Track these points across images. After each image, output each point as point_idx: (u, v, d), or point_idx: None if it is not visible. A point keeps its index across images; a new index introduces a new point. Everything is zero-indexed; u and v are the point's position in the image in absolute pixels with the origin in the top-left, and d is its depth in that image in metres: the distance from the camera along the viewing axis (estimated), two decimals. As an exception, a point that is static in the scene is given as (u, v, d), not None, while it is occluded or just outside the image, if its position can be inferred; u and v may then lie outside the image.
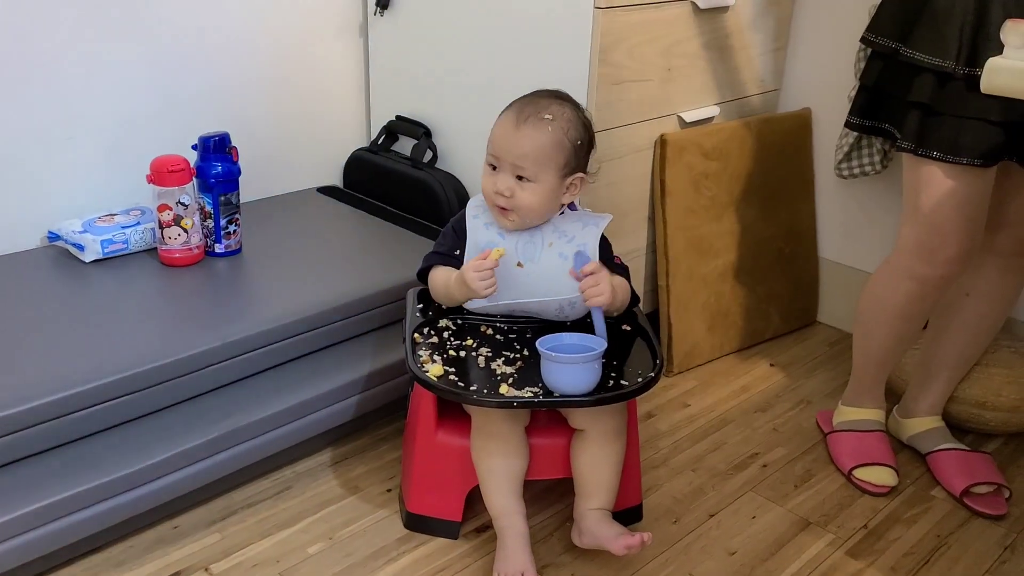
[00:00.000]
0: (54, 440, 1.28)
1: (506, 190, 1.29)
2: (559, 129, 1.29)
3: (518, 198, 1.30)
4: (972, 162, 1.31)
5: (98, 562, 1.32)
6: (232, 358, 1.43)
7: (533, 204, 1.30)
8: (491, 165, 1.32)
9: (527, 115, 1.29)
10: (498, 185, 1.30)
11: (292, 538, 1.39)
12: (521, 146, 1.28)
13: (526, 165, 1.28)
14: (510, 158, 1.29)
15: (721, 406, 1.78)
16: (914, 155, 1.36)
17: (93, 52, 1.67)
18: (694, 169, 1.82)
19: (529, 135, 1.28)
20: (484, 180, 1.33)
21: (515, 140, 1.28)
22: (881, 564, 1.39)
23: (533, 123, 1.28)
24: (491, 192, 1.32)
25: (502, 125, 1.31)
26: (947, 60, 1.29)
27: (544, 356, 1.22)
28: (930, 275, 1.41)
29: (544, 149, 1.28)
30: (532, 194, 1.30)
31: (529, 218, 1.32)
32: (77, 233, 1.62)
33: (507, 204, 1.30)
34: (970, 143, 1.31)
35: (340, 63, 2.03)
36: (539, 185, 1.29)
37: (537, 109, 1.30)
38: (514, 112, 1.31)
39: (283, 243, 1.74)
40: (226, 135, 1.65)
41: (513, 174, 1.29)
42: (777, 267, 2.01)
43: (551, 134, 1.29)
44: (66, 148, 1.69)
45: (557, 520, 1.44)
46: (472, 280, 1.28)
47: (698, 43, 1.78)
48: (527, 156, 1.28)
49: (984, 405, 1.65)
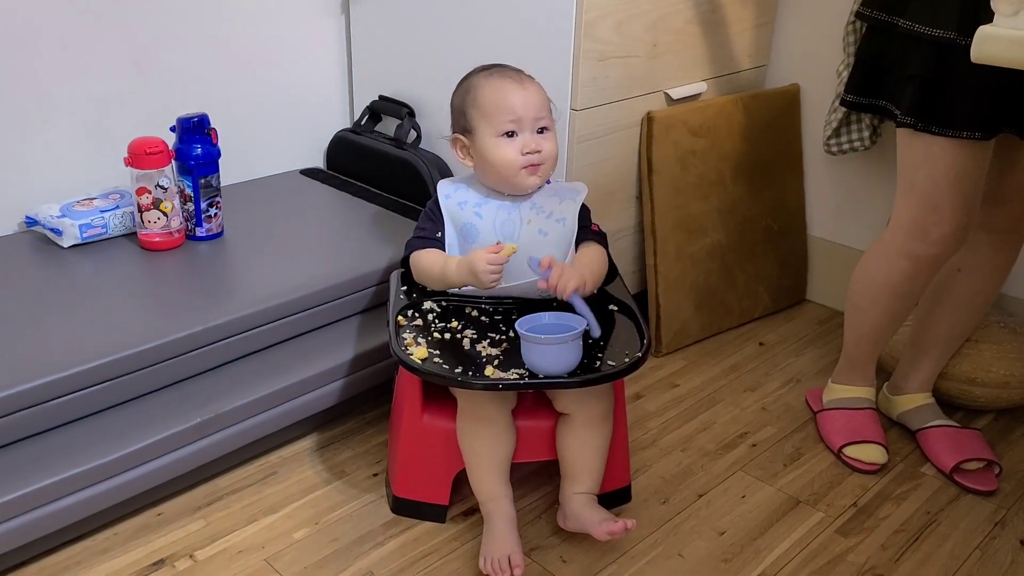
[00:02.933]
0: (34, 427, 1.26)
1: (538, 146, 1.33)
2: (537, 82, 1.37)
3: (546, 150, 1.34)
4: (972, 135, 1.29)
5: (81, 550, 1.31)
6: (215, 343, 1.41)
7: (555, 152, 1.36)
8: (507, 133, 1.33)
9: (517, 76, 1.35)
10: (531, 144, 1.33)
11: (277, 524, 1.37)
12: (536, 99, 1.33)
13: (546, 114, 1.34)
14: (532, 113, 1.33)
15: (710, 386, 1.78)
16: (913, 130, 1.33)
17: (68, 32, 1.64)
18: (681, 147, 1.80)
19: (535, 89, 1.35)
20: (502, 151, 1.33)
21: (529, 97, 1.33)
22: (871, 541, 1.38)
23: (528, 81, 1.35)
24: (519, 157, 1.33)
25: (504, 90, 1.33)
26: (949, 30, 1.27)
27: (523, 337, 1.21)
28: (925, 254, 1.39)
29: (545, 100, 1.36)
30: (553, 143, 1.36)
31: (551, 169, 1.38)
32: (55, 218, 1.60)
33: (539, 159, 1.34)
34: (970, 115, 1.29)
35: (321, 42, 2.00)
36: (553, 132, 1.36)
37: (515, 71, 1.36)
38: (503, 79, 1.34)
39: (266, 226, 1.72)
40: (205, 116, 1.62)
41: (535, 129, 1.33)
42: (766, 245, 1.99)
43: (540, 87, 1.36)
44: (42, 130, 1.66)
45: (545, 502, 1.43)
46: (484, 271, 1.27)
47: (684, 18, 1.76)
48: (544, 105, 1.35)
49: (974, 381, 1.65)
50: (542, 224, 1.34)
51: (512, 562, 1.23)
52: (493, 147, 1.33)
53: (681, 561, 1.33)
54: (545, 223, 1.35)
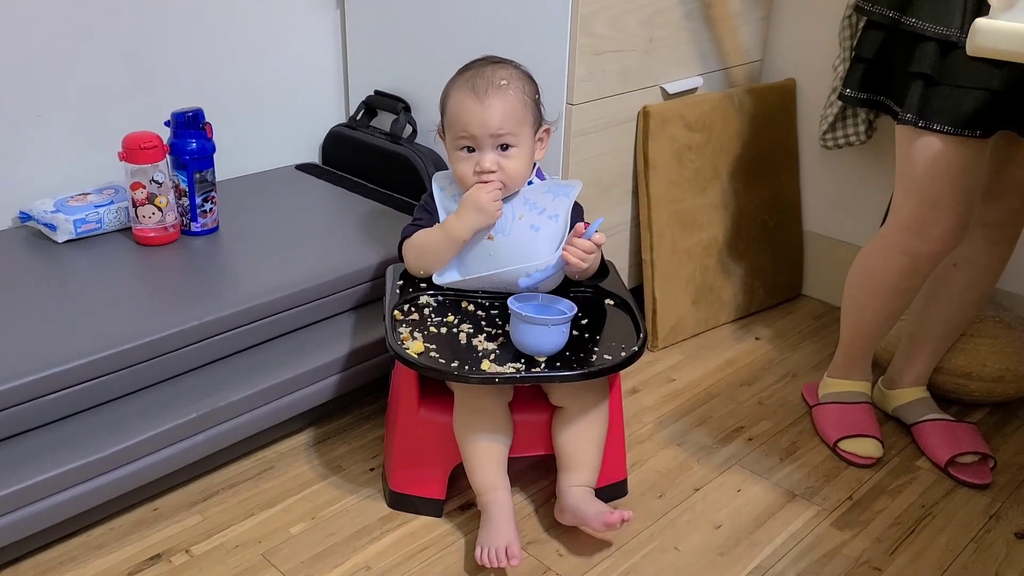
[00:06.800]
0: (29, 423, 1.26)
1: (492, 165, 1.30)
2: (518, 90, 1.32)
3: (506, 168, 1.31)
4: (972, 133, 1.29)
5: (76, 545, 1.30)
6: (210, 338, 1.40)
7: (520, 168, 1.32)
8: (465, 148, 1.31)
9: (484, 87, 1.30)
10: (483, 164, 1.30)
11: (274, 518, 1.37)
12: (496, 116, 1.29)
13: (507, 130, 1.29)
14: (488, 131, 1.29)
15: (706, 380, 1.78)
16: (913, 127, 1.33)
17: (61, 26, 1.63)
18: (677, 141, 1.80)
19: (498, 105, 1.29)
20: (459, 166, 1.33)
21: (487, 114, 1.29)
22: (866, 535, 1.39)
23: (494, 93, 1.29)
24: (472, 174, 1.31)
25: (463, 106, 1.30)
26: (951, 28, 1.27)
27: (514, 315, 1.23)
28: (923, 250, 1.39)
29: (516, 112, 1.30)
30: (517, 159, 1.31)
31: (516, 184, 1.34)
32: (49, 213, 1.59)
33: (495, 179, 1.31)
34: (972, 113, 1.28)
35: (317, 36, 2.00)
36: (521, 148, 1.31)
37: (489, 79, 1.30)
38: (468, 90, 1.30)
39: (261, 221, 1.71)
40: (200, 111, 1.62)
41: (494, 147, 1.30)
42: (762, 240, 1.99)
43: (515, 96, 1.31)
44: (35, 125, 1.65)
45: (541, 496, 1.43)
46: (485, 201, 1.28)
47: (680, 12, 1.75)
48: (506, 122, 1.29)
49: (969, 375, 1.65)
50: (534, 220, 1.34)
51: (509, 552, 1.22)
52: (454, 159, 1.34)
53: (677, 555, 1.33)
54: (537, 219, 1.34)
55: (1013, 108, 1.30)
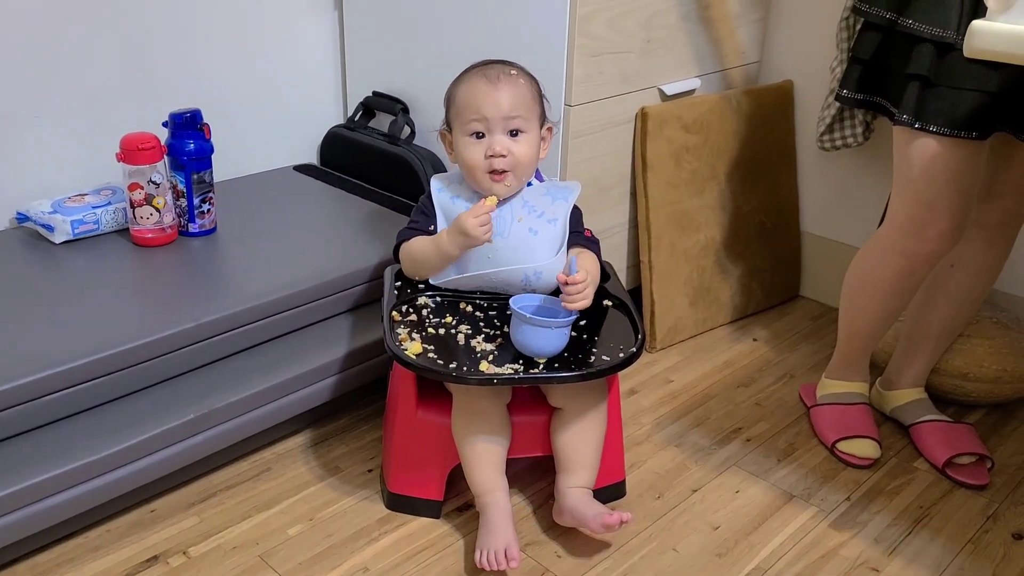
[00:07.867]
0: (26, 424, 1.25)
1: (503, 149, 1.30)
2: (528, 81, 1.34)
3: (516, 153, 1.31)
4: (970, 135, 1.29)
5: (74, 547, 1.30)
6: (208, 339, 1.40)
7: (529, 155, 1.32)
8: (475, 134, 1.31)
9: (496, 74, 1.31)
10: (495, 147, 1.30)
11: (271, 520, 1.37)
12: (508, 99, 1.30)
13: (518, 114, 1.30)
14: (501, 114, 1.30)
15: (704, 381, 1.78)
16: (910, 128, 1.33)
17: (59, 26, 1.63)
18: (675, 143, 1.80)
19: (510, 89, 1.31)
20: (469, 152, 1.32)
21: (499, 97, 1.30)
22: (864, 536, 1.39)
23: (506, 79, 1.31)
24: (483, 159, 1.31)
25: (475, 89, 1.31)
26: (948, 30, 1.27)
27: (515, 315, 1.23)
28: (920, 251, 1.39)
29: (526, 98, 1.32)
30: (527, 146, 1.32)
31: (524, 174, 1.34)
32: (46, 214, 1.59)
33: (506, 164, 1.31)
34: (968, 115, 1.29)
35: (315, 37, 2.00)
36: (530, 135, 1.32)
37: (500, 69, 1.32)
38: (480, 77, 1.32)
39: (259, 222, 1.71)
40: (198, 112, 1.61)
41: (505, 131, 1.30)
42: (759, 241, 2.00)
43: (525, 86, 1.33)
44: (33, 126, 1.65)
45: (540, 498, 1.43)
46: (471, 226, 1.27)
47: (678, 14, 1.75)
48: (517, 106, 1.30)
49: (966, 376, 1.65)
50: (533, 223, 1.34)
51: (508, 554, 1.22)
52: (462, 147, 1.33)
53: (675, 556, 1.33)
54: (536, 222, 1.34)
55: (1010, 110, 1.30)
